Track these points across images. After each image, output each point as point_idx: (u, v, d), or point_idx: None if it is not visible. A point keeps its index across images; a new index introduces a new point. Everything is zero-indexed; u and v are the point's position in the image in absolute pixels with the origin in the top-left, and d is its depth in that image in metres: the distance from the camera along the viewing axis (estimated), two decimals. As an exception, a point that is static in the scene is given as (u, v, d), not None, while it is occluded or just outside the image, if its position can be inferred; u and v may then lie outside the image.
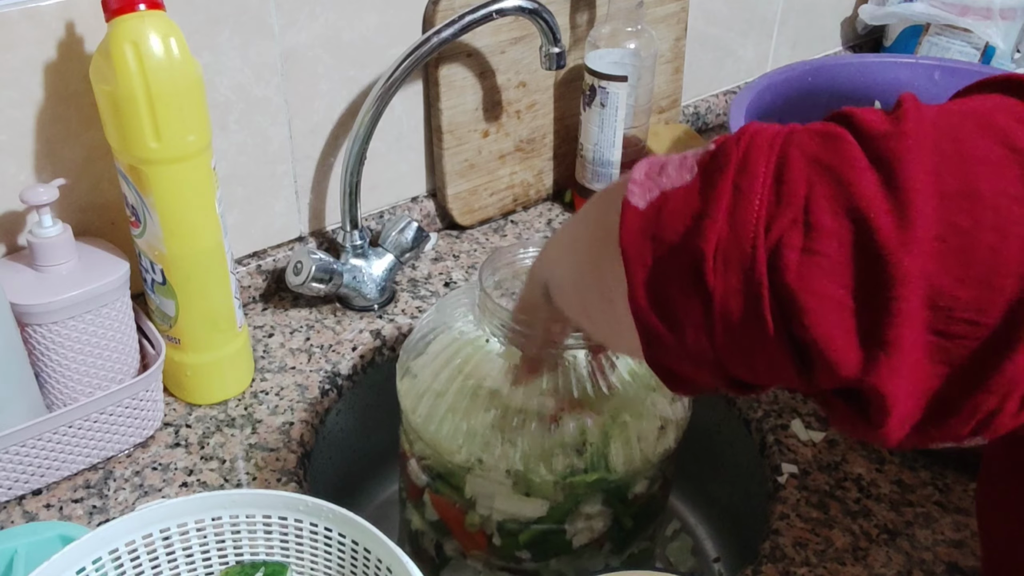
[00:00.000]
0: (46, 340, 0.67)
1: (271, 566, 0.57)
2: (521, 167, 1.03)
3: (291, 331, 0.85)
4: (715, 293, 0.35)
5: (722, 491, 0.88)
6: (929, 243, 0.32)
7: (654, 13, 1.05)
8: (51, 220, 0.67)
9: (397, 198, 0.97)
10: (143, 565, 0.54)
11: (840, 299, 0.33)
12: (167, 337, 0.74)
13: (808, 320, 0.33)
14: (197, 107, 0.66)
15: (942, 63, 1.09)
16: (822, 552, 0.65)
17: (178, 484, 0.69)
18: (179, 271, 0.70)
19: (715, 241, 0.35)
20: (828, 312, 0.33)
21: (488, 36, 0.92)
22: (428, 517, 0.69)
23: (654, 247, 0.37)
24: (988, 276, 0.32)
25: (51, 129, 0.71)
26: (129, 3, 0.62)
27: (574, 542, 0.64)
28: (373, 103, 0.82)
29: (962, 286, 0.32)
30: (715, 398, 0.82)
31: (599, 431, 0.62)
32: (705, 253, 0.35)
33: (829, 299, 0.33)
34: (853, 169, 0.33)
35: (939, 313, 0.32)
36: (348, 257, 0.87)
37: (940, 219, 0.32)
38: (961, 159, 0.33)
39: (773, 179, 0.34)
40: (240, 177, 0.84)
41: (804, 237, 0.33)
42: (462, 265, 0.96)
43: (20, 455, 0.65)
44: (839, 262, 0.33)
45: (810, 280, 0.33)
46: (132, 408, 0.70)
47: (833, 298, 0.33)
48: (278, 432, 0.74)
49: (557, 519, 0.63)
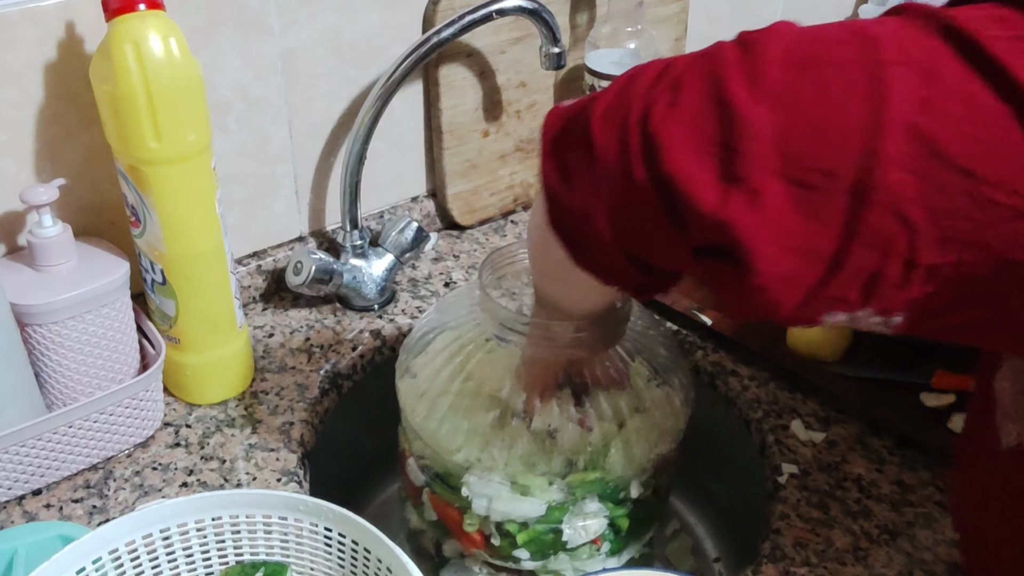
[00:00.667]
0: (46, 340, 0.67)
1: (271, 566, 0.57)
2: (521, 167, 1.03)
3: (291, 331, 0.85)
4: (596, 144, 0.41)
5: (722, 491, 0.88)
6: (777, 98, 0.36)
7: (654, 13, 1.05)
8: (51, 220, 0.67)
9: (397, 198, 0.97)
10: (143, 565, 0.54)
11: (696, 142, 0.37)
12: (167, 337, 0.74)
13: (668, 157, 0.38)
14: (197, 107, 0.66)
15: (942, 63, 1.09)
16: (822, 552, 0.65)
17: (178, 484, 0.69)
18: (179, 271, 0.70)
19: (603, 107, 0.41)
20: (686, 151, 0.37)
21: (488, 36, 0.92)
22: (427, 517, 0.69)
23: (561, 122, 0.45)
24: (833, 131, 0.35)
25: (51, 129, 0.71)
26: (129, 3, 0.62)
27: (571, 542, 0.64)
28: (373, 103, 0.82)
29: (809, 138, 0.35)
30: (715, 397, 0.82)
31: (599, 431, 0.62)
32: (594, 114, 0.42)
33: (687, 141, 0.38)
34: (722, 51, 0.39)
35: (791, 161, 0.36)
36: (348, 257, 0.87)
37: (788, 80, 0.36)
38: (814, 39, 0.38)
39: (661, 68, 0.41)
40: (240, 177, 0.84)
41: (671, 94, 0.39)
42: (462, 265, 0.96)
43: (20, 455, 0.65)
44: (697, 111, 0.38)
45: (671, 125, 0.38)
46: (132, 408, 0.70)
47: (691, 140, 0.37)
48: (278, 432, 0.74)
49: (554, 519, 0.63)
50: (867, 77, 0.35)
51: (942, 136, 0.34)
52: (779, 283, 0.37)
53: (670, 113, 0.38)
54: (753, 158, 0.36)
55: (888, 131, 0.34)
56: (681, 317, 0.86)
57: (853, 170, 0.35)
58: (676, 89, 0.39)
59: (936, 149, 0.34)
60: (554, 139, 0.45)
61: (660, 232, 0.40)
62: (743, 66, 0.37)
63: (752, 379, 0.80)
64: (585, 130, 0.42)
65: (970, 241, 0.34)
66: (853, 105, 0.35)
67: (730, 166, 0.36)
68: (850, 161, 0.35)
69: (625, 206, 0.41)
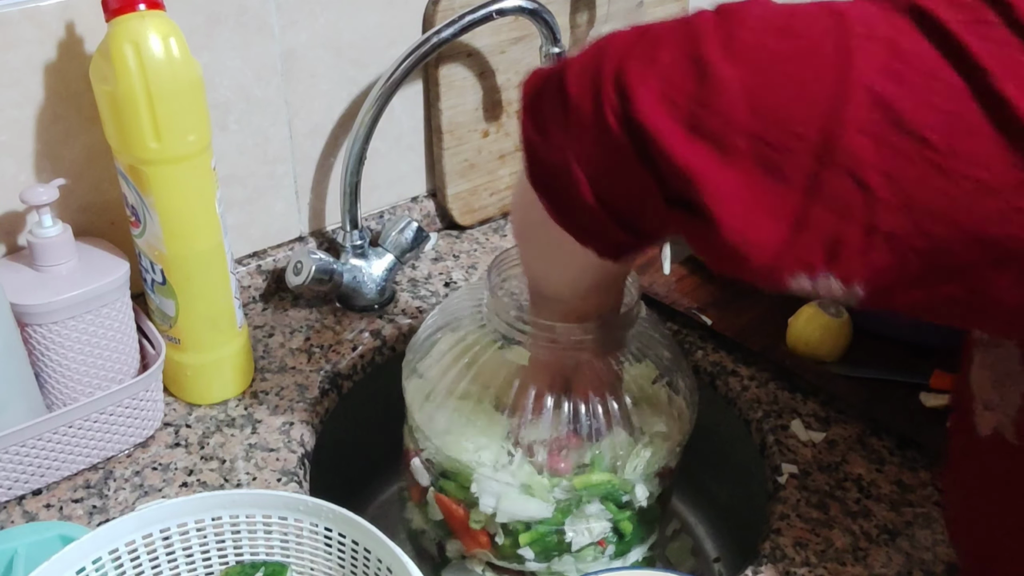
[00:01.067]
0: (46, 340, 0.67)
1: (271, 566, 0.57)
2: (521, 167, 1.02)
3: (291, 331, 0.85)
4: (571, 96, 0.42)
5: (722, 491, 0.88)
6: (748, 60, 0.37)
7: (654, 13, 1.05)
8: (51, 220, 0.67)
9: (397, 198, 0.97)
10: (143, 565, 0.54)
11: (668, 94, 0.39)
12: (167, 337, 0.74)
13: (640, 107, 0.39)
14: (197, 107, 0.65)
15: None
16: (822, 552, 0.65)
17: (178, 484, 0.69)
18: (179, 271, 0.70)
19: (579, 63, 0.43)
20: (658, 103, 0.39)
21: (488, 36, 0.92)
22: (431, 516, 0.69)
23: (540, 81, 0.45)
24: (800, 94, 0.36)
25: (51, 129, 0.71)
26: (129, 3, 0.62)
27: (574, 544, 0.64)
28: (373, 103, 0.82)
29: (776, 100, 0.37)
30: (715, 397, 0.82)
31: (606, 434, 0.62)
32: (570, 68, 0.43)
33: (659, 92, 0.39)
34: (700, 17, 0.40)
35: (758, 120, 0.37)
36: (348, 257, 0.87)
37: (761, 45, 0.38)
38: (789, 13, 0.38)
39: (640, 32, 0.42)
40: (240, 177, 0.84)
41: (646, 50, 0.40)
42: (462, 265, 0.96)
43: (20, 455, 0.65)
44: (671, 66, 0.39)
45: (645, 77, 0.39)
46: (132, 408, 0.70)
47: (662, 92, 0.39)
48: (278, 432, 0.74)
49: (559, 521, 0.63)
50: (835, 46, 0.36)
51: (903, 105, 0.35)
52: (745, 239, 0.38)
53: (645, 67, 0.40)
54: (722, 115, 0.37)
55: (851, 96, 0.35)
56: (682, 317, 0.86)
57: (816, 132, 0.36)
58: (653, 47, 0.40)
59: (897, 117, 0.35)
60: (532, 95, 0.46)
61: (634, 180, 0.41)
62: (719, 31, 0.39)
63: (752, 379, 0.80)
64: (560, 84, 0.43)
65: (935, 212, 0.35)
66: (820, 70, 0.36)
67: (699, 120, 0.38)
68: (814, 124, 0.36)
69: (600, 156, 0.42)
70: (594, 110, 0.41)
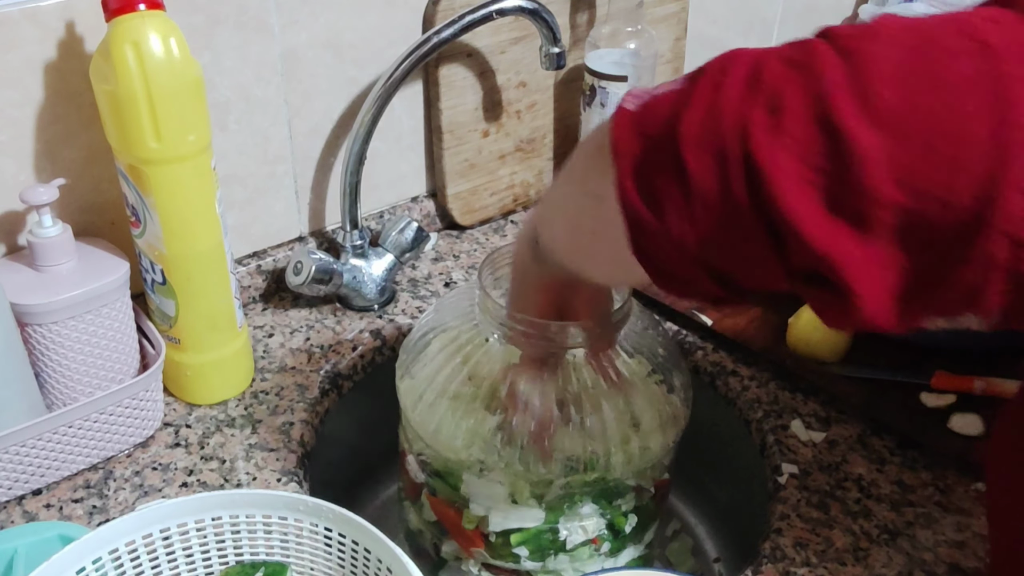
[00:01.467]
0: (46, 340, 0.67)
1: (271, 566, 0.57)
2: (521, 167, 1.03)
3: (291, 331, 0.85)
4: (692, 172, 0.37)
5: (722, 491, 0.88)
6: (890, 123, 0.33)
7: (654, 13, 1.05)
8: (51, 220, 0.67)
9: (397, 198, 0.97)
10: (143, 565, 0.54)
11: (803, 171, 0.35)
12: (167, 337, 0.74)
13: (773, 188, 0.35)
14: (197, 107, 0.66)
15: (942, 63, 1.09)
16: (822, 552, 0.65)
17: (178, 484, 0.69)
18: (179, 271, 0.70)
19: (693, 126, 0.38)
20: (793, 182, 0.35)
21: (488, 36, 0.92)
22: (426, 517, 0.69)
23: (641, 139, 0.40)
24: (951, 157, 0.33)
25: (51, 129, 0.71)
26: (129, 3, 0.62)
27: (568, 542, 0.64)
28: (373, 103, 0.82)
29: (924, 166, 0.33)
30: (715, 397, 0.82)
31: (599, 431, 0.62)
32: (684, 136, 0.38)
33: (793, 171, 0.35)
34: (821, 61, 0.35)
35: (905, 191, 0.33)
36: (348, 257, 0.87)
37: (902, 99, 0.33)
38: (925, 48, 0.34)
39: (749, 75, 0.37)
40: (240, 177, 0.84)
41: (771, 117, 0.35)
42: (462, 265, 0.96)
43: (20, 455, 0.65)
44: (803, 137, 0.35)
45: (775, 153, 0.35)
46: (132, 408, 0.70)
47: (797, 170, 0.35)
48: (278, 432, 0.74)
49: (552, 520, 0.63)
50: (988, 96, 0.33)
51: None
52: (881, 309, 0.36)
53: (773, 139, 0.35)
54: (865, 191, 0.34)
55: (1012, 156, 0.32)
56: (681, 317, 0.86)
57: (971, 199, 0.33)
58: (776, 110, 0.36)
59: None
60: (636, 163, 0.40)
61: (756, 256, 0.38)
62: (850, 85, 0.34)
63: (752, 379, 0.80)
64: (677, 157, 0.38)
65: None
66: (974, 128, 0.33)
67: (839, 200, 0.34)
68: (969, 191, 0.33)
69: (720, 231, 0.38)
70: (721, 192, 0.37)
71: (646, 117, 0.40)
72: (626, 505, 0.65)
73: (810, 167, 0.35)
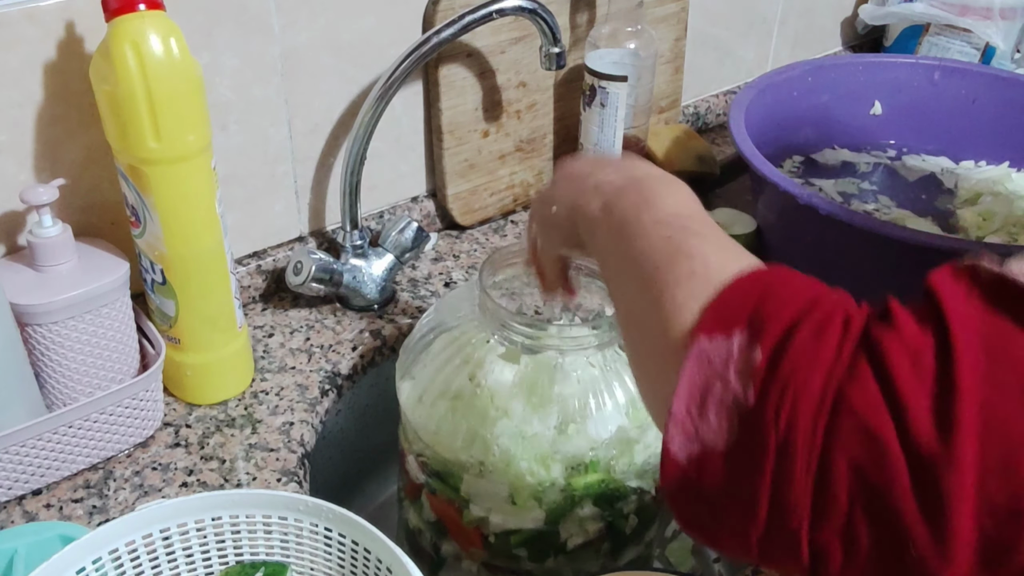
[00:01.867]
0: (46, 340, 0.67)
1: (271, 566, 0.57)
2: (521, 167, 1.03)
3: (291, 331, 0.85)
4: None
5: (722, 491, 0.88)
6: (969, 561, 0.32)
7: (654, 13, 1.05)
8: (51, 220, 0.67)
9: (397, 198, 0.97)
10: (143, 565, 0.54)
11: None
12: (167, 337, 0.74)
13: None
14: (197, 107, 0.65)
15: (942, 63, 1.09)
16: (822, 552, 0.64)
17: (178, 484, 0.69)
18: (179, 271, 0.70)
19: (757, 538, 0.35)
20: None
21: (488, 36, 0.92)
22: (426, 517, 0.69)
23: (698, 507, 0.37)
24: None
25: (51, 129, 0.71)
26: (129, 3, 0.62)
27: (568, 543, 0.64)
28: (373, 103, 0.82)
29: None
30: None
31: (600, 433, 0.62)
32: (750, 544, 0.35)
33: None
34: (896, 488, 0.32)
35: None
36: (348, 257, 0.87)
37: (983, 536, 0.32)
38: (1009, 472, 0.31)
39: (814, 486, 0.34)
40: (240, 177, 0.84)
41: (844, 553, 0.33)
42: (462, 265, 0.96)
43: (20, 455, 0.65)
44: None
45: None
46: (132, 408, 0.70)
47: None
48: (278, 432, 0.74)
49: (551, 521, 0.63)
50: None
51: None
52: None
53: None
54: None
55: None
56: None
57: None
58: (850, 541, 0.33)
59: None
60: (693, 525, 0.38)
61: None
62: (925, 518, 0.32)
63: (752, 379, 0.80)
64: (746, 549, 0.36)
65: None
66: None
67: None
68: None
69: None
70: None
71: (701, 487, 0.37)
72: (627, 507, 0.65)
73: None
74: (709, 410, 0.36)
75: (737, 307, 0.37)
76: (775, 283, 0.38)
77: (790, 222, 0.90)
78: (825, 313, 0.35)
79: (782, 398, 0.34)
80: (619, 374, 0.63)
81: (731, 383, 0.36)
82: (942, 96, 1.09)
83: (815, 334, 0.35)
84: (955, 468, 0.32)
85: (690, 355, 0.37)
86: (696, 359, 0.37)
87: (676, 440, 0.37)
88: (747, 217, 0.94)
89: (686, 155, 1.07)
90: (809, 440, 0.33)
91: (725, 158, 1.12)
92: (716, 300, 0.38)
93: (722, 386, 0.36)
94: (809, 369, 0.34)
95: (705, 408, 0.36)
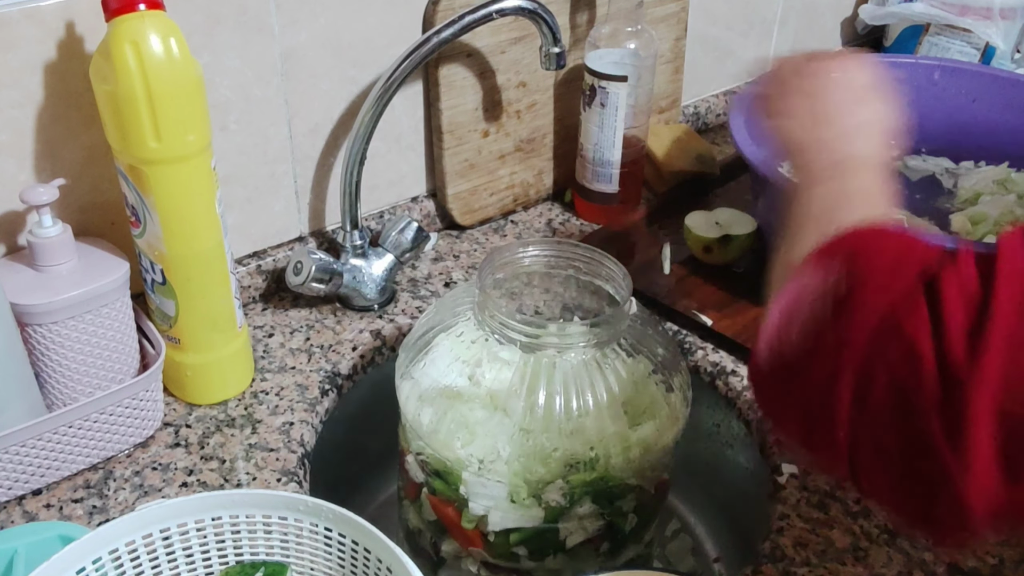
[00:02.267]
0: (46, 340, 0.67)
1: (271, 566, 0.57)
2: (521, 167, 1.03)
3: (291, 331, 0.85)
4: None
5: (722, 491, 0.88)
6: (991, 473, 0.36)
7: (654, 13, 1.05)
8: (51, 220, 0.67)
9: (397, 198, 0.97)
10: (143, 565, 0.54)
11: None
12: (167, 337, 0.74)
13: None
14: (197, 107, 0.66)
15: (942, 63, 1.09)
16: (822, 552, 0.65)
17: (178, 484, 0.69)
18: (179, 271, 0.70)
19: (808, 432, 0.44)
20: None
21: (488, 36, 0.92)
22: (426, 516, 0.69)
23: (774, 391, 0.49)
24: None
25: (51, 129, 0.71)
26: (129, 3, 0.62)
27: (568, 542, 0.64)
28: (373, 103, 0.82)
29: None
30: (715, 397, 0.82)
31: (599, 431, 0.62)
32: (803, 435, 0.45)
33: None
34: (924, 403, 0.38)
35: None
36: (348, 257, 0.87)
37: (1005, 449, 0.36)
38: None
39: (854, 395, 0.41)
40: (240, 177, 0.84)
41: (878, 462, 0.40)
42: (462, 265, 0.96)
43: (20, 455, 0.65)
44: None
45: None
46: (132, 408, 0.70)
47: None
48: (278, 432, 0.74)
49: (551, 519, 0.63)
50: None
51: None
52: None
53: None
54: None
55: None
56: (681, 317, 0.86)
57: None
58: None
59: None
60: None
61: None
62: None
63: (752, 379, 0.80)
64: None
65: None
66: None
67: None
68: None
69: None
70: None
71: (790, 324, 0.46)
72: (626, 505, 0.65)
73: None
74: (797, 317, 0.45)
75: (839, 249, 0.46)
76: (872, 237, 0.46)
77: (790, 222, 0.90)
78: (903, 255, 0.43)
79: (850, 317, 0.42)
80: (617, 372, 0.63)
81: (818, 301, 0.44)
82: (942, 96, 1.09)
83: (891, 270, 0.42)
84: (978, 385, 0.36)
85: (795, 276, 0.47)
86: (798, 279, 0.47)
87: (768, 333, 0.47)
88: (747, 217, 0.94)
89: (686, 155, 1.07)
90: (858, 355, 0.40)
91: (725, 158, 1.11)
92: (826, 243, 0.47)
93: (811, 302, 0.45)
94: (878, 293, 0.41)
95: (796, 315, 0.46)
